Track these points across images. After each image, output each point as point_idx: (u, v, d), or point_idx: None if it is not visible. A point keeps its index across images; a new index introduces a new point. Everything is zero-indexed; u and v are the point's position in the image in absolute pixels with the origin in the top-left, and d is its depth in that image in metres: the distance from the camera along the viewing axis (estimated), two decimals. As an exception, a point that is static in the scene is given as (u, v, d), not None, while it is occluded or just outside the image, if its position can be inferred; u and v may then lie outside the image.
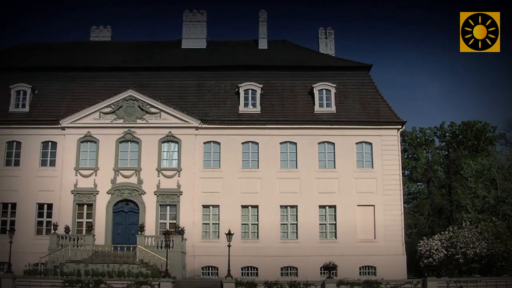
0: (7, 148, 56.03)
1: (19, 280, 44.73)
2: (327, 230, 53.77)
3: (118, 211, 54.09)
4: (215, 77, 57.79)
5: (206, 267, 52.85)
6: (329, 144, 54.79)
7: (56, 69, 59.78)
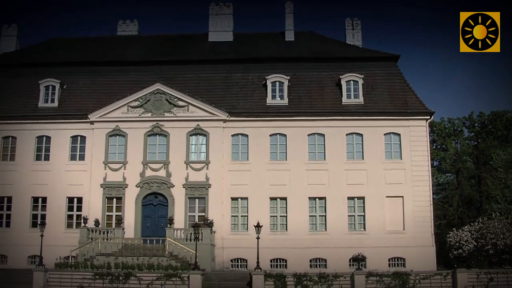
0: (37, 143, 56.56)
1: (50, 273, 45.25)
2: (355, 222, 53.59)
3: (147, 204, 54.37)
4: (242, 70, 57.81)
5: (235, 259, 52.99)
6: (357, 136, 54.57)
7: (84, 64, 60.20)
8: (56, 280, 44.25)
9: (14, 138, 56.93)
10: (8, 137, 57.10)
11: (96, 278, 44.29)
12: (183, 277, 44.10)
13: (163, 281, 43.19)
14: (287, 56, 59.07)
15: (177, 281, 43.98)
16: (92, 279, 44.41)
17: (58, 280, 44.58)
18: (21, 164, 56.14)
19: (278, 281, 43.78)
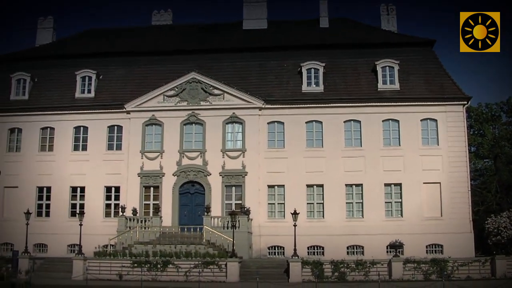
0: (74, 133, 57.09)
1: (89, 261, 45.79)
2: (392, 208, 53.30)
3: (184, 192, 54.66)
4: (277, 57, 57.69)
5: (272, 246, 53.07)
6: (393, 122, 54.18)
7: (119, 54, 60.62)
8: (95, 268, 44.69)
9: (52, 129, 57.59)
10: (46, 128, 57.75)
11: (135, 266, 44.68)
12: (221, 265, 44.36)
13: (201, 269, 43.30)
14: (322, 43, 58.82)
15: (215, 269, 44.23)
16: (131, 267, 44.83)
17: (97, 268, 45.05)
18: (59, 154, 56.79)
19: (315, 268, 43.68)
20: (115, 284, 38.86)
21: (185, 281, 42.74)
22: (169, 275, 44.01)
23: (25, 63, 60.53)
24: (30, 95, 59.03)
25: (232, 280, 43.06)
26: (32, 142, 57.52)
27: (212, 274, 43.78)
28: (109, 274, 44.64)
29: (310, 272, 43.50)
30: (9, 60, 62.26)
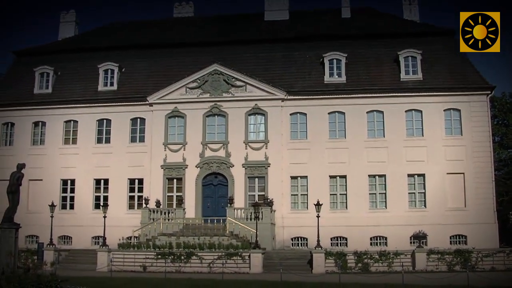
0: (98, 126, 57.40)
1: (114, 253, 46.02)
2: (416, 199, 53.00)
3: (207, 184, 54.79)
4: (299, 48, 57.51)
5: (295, 237, 53.10)
6: (416, 112, 53.82)
7: (141, 47, 60.94)
8: (119, 260, 44.84)
9: (76, 122, 57.98)
10: (69, 121, 58.16)
11: (159, 258, 44.88)
12: (244, 256, 44.44)
13: (224, 260, 43.40)
14: (344, 33, 58.68)
15: (238, 260, 44.31)
16: (155, 258, 45.03)
17: (121, 260, 45.23)
18: (82, 147, 57.16)
19: (338, 259, 43.61)
20: (139, 276, 39.00)
21: (208, 273, 42.78)
22: (193, 267, 44.15)
23: (48, 57, 60.94)
24: (54, 88, 59.43)
25: (256, 271, 43.09)
26: (56, 135, 57.93)
27: (235, 265, 43.83)
28: (133, 266, 44.89)
29: (334, 263, 43.36)
30: (33, 54, 62.76)
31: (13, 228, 26.73)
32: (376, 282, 33.48)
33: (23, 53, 64.20)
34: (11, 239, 26.46)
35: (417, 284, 32.28)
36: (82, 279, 32.55)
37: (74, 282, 29.36)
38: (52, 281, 25.27)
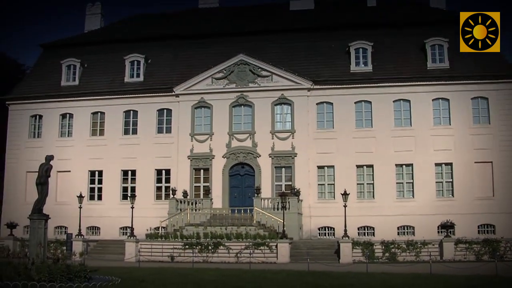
0: (124, 118, 57.72)
1: (141, 243, 46.37)
2: (443, 188, 52.68)
3: (234, 174, 54.91)
4: (325, 38, 57.23)
5: (322, 227, 53.09)
6: (443, 101, 53.39)
7: (167, 38, 61.16)
8: (147, 250, 45.19)
9: (103, 114, 58.38)
10: (96, 113, 58.57)
11: (186, 248, 45.05)
12: (271, 246, 44.44)
13: (252, 250, 43.44)
14: (369, 22, 58.30)
15: (265, 250, 44.32)
16: (182, 249, 45.21)
17: (149, 250, 45.55)
18: (110, 138, 57.54)
19: (366, 249, 43.58)
20: (167, 266, 39.16)
21: (236, 262, 42.89)
22: (220, 256, 44.32)
23: (75, 49, 61.34)
24: (80, 80, 59.83)
25: (283, 261, 43.09)
26: (83, 126, 58.37)
27: (262, 255, 43.85)
28: (160, 256, 45.10)
29: (361, 253, 43.33)
30: (59, 47, 63.20)
31: (42, 219, 26.98)
32: (403, 272, 33.37)
33: (50, 46, 64.66)
34: (40, 230, 26.73)
35: (445, 274, 32.11)
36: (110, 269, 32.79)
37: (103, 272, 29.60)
38: (81, 271, 25.51)
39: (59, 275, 24.34)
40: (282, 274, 31.74)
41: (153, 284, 25.72)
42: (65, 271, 24.74)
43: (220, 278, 29.20)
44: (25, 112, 59.84)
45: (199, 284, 25.96)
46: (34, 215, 27.05)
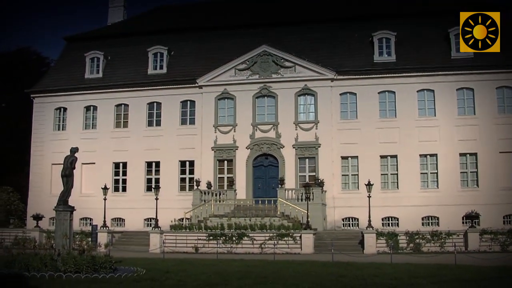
0: (148, 109, 57.95)
1: (166, 234, 46.41)
2: (468, 179, 52.36)
3: (258, 165, 54.96)
4: (348, 28, 56.90)
5: (346, 218, 53.10)
6: (467, 90, 52.96)
7: (190, 30, 61.39)
8: (171, 241, 45.19)
9: (126, 106, 58.73)
10: (120, 105, 58.93)
11: (210, 239, 45.10)
12: (295, 237, 44.42)
13: (276, 241, 43.37)
14: (393, 11, 57.87)
15: (290, 241, 44.31)
16: (206, 240, 45.29)
17: (174, 241, 45.56)
18: (134, 130, 57.87)
19: (390, 240, 43.30)
20: (191, 257, 39.27)
21: (260, 253, 42.87)
22: (244, 247, 44.33)
23: (98, 42, 61.74)
24: (104, 73, 60.16)
25: (307, 252, 43.09)
26: (107, 119, 58.76)
27: (287, 246, 43.88)
28: (185, 247, 45.18)
29: (385, 244, 43.10)
30: (83, 40, 63.55)
31: (67, 211, 27.20)
32: (428, 262, 33.25)
33: (73, 39, 65.09)
34: (66, 222, 26.96)
35: (469, 264, 31.94)
36: (135, 260, 32.98)
37: (128, 263, 29.80)
38: (106, 262, 25.72)
39: (85, 266, 24.57)
40: (306, 265, 31.76)
41: (177, 275, 25.84)
42: (90, 262, 24.96)
43: (244, 269, 29.27)
44: (49, 105, 60.35)
45: (224, 275, 26.05)
46: (59, 206, 27.27)
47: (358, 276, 25.88)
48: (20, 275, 23.87)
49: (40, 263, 24.86)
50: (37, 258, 25.30)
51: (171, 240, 45.49)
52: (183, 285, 22.19)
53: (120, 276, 24.27)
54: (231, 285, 22.44)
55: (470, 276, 26.11)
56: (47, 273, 23.91)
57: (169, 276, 25.14)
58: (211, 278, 24.82)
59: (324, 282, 23.42)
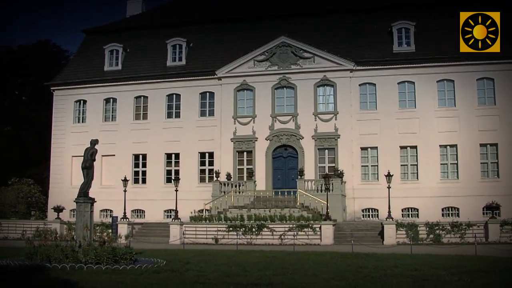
0: (167, 101, 58.10)
1: (186, 225, 46.57)
2: (488, 169, 52.06)
3: (277, 156, 54.95)
4: (367, 18, 56.66)
5: (366, 209, 53.03)
6: (488, 80, 52.56)
7: (208, 22, 61.41)
8: (191, 232, 45.34)
9: (146, 98, 58.90)
10: (140, 97, 59.09)
11: (230, 230, 45.17)
12: (315, 228, 44.40)
13: (296, 232, 43.38)
14: (412, 1, 57.52)
15: (309, 232, 44.31)
16: (226, 231, 45.38)
17: (193, 232, 45.69)
18: (153, 122, 58.06)
19: (410, 231, 43.27)
20: (211, 248, 39.40)
21: (280, 244, 42.96)
22: (264, 239, 44.37)
23: (117, 34, 62.07)
24: (123, 65, 60.39)
25: (327, 243, 43.01)
26: (126, 111, 58.99)
27: (306, 237, 43.90)
28: (205, 238, 45.33)
29: (405, 235, 43.07)
30: (102, 32, 63.83)
31: (88, 203, 27.36)
32: (448, 253, 33.15)
33: (92, 31, 65.39)
34: (86, 213, 27.12)
35: (490, 255, 31.83)
36: (155, 251, 33.14)
37: (148, 254, 29.95)
38: (127, 254, 25.87)
39: (106, 257, 24.73)
40: (326, 256, 31.77)
41: (197, 266, 25.94)
42: (111, 254, 25.11)
43: (264, 260, 29.34)
44: (69, 98, 60.70)
45: (244, 265, 26.11)
46: (80, 198, 27.44)
47: (378, 267, 25.85)
48: (41, 266, 24.06)
49: (61, 254, 25.03)
50: (58, 250, 25.47)
51: (191, 231, 45.62)
52: (203, 276, 22.26)
53: (141, 267, 24.40)
54: (251, 276, 22.50)
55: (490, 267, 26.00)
56: (68, 264, 24.08)
57: (189, 267, 25.24)
58: (231, 269, 24.90)
59: (344, 273, 23.42)
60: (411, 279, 21.69)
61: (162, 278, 21.79)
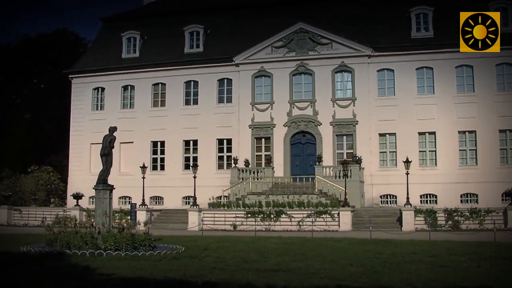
0: (185, 88, 58.20)
1: (204, 212, 46.73)
2: (508, 156, 51.67)
3: (295, 143, 54.93)
4: (385, 4, 56.19)
5: (384, 195, 52.91)
6: (507, 66, 52.08)
7: (225, 8, 61.23)
8: (209, 219, 45.47)
9: (164, 85, 59.03)
10: (157, 84, 59.22)
11: (248, 217, 45.32)
12: (333, 214, 44.47)
13: (314, 218, 43.34)
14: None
15: (327, 218, 44.38)
16: (244, 217, 45.53)
17: (212, 219, 45.85)
18: (171, 109, 58.23)
19: (428, 217, 43.02)
20: (229, 234, 39.49)
21: (298, 231, 43.05)
22: (282, 225, 44.49)
23: (134, 22, 62.17)
24: (141, 52, 60.52)
25: (345, 229, 43.04)
26: (144, 98, 59.16)
27: (324, 223, 43.89)
28: (223, 225, 45.46)
29: (423, 221, 42.83)
30: (119, 20, 64.00)
31: (107, 190, 27.47)
32: (466, 240, 33.06)
33: (109, 19, 65.56)
34: (105, 200, 27.24)
35: (509, 242, 31.69)
36: (174, 238, 33.28)
37: (167, 241, 30.08)
38: (146, 240, 26.01)
39: (125, 244, 24.86)
40: (344, 242, 31.76)
41: (216, 252, 26.02)
42: (130, 240, 25.25)
43: (282, 246, 29.38)
44: (87, 85, 60.96)
45: (262, 252, 26.17)
46: (99, 185, 27.56)
47: (396, 253, 25.84)
48: (61, 252, 24.23)
49: (80, 241, 25.20)
50: (78, 236, 25.64)
51: (210, 217, 45.75)
52: (222, 262, 22.34)
53: (160, 254, 24.50)
54: (270, 262, 22.55)
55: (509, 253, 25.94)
56: (87, 250, 24.23)
57: (208, 253, 25.32)
58: (250, 255, 24.95)
59: (362, 259, 23.43)
60: (429, 266, 21.66)
61: (181, 264, 21.87)
